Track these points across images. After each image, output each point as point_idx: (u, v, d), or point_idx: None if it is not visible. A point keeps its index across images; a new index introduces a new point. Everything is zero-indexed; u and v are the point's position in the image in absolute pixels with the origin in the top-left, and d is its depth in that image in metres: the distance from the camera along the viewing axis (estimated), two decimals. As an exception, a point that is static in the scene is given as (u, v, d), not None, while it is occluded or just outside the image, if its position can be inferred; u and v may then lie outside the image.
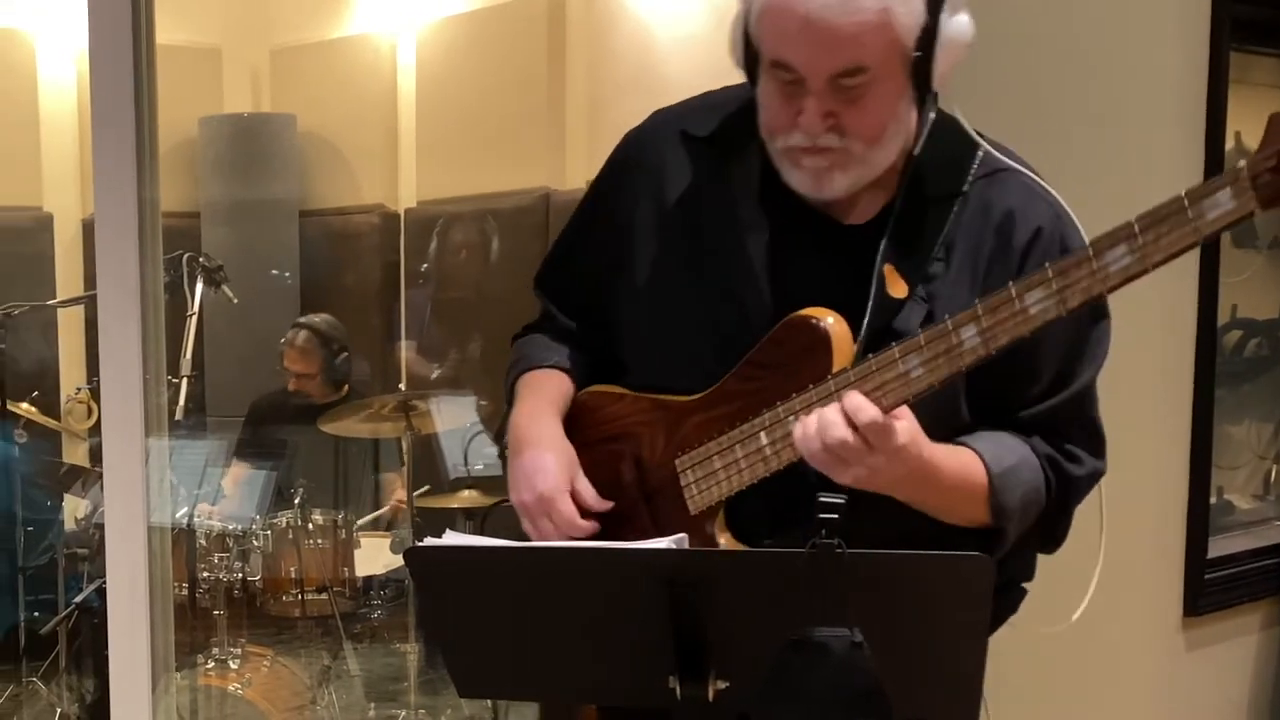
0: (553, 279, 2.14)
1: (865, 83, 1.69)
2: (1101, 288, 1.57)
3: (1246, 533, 3.45)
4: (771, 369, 1.79)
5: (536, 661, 1.72)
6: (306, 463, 5.16)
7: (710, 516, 1.85)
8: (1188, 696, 3.26)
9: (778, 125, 1.77)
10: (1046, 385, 1.83)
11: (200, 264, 4.33)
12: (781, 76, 1.73)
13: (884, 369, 1.68)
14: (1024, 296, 1.60)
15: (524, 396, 2.04)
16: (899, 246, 1.80)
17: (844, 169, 1.75)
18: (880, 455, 1.64)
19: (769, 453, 1.77)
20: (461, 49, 6.16)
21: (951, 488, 1.75)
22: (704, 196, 1.91)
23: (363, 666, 5.01)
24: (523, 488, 1.93)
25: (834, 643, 1.47)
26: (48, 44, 6.21)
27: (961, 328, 1.63)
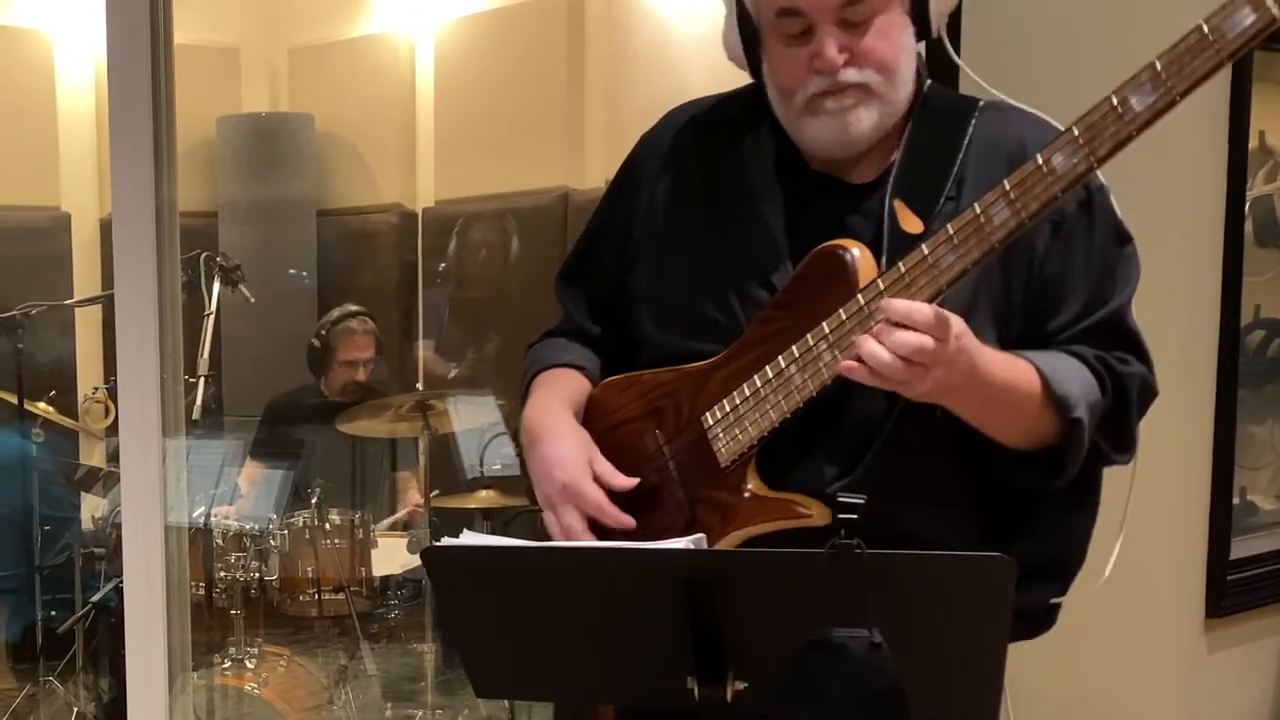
0: (572, 281, 2.15)
1: (871, 12, 1.76)
2: (1131, 129, 1.58)
3: (1270, 534, 3.42)
4: (795, 306, 1.79)
5: (553, 662, 1.71)
6: (323, 462, 5.16)
7: (741, 465, 1.84)
8: (1210, 698, 3.24)
9: (794, 79, 1.80)
10: (1078, 310, 1.83)
11: (218, 263, 4.34)
12: (789, 28, 1.78)
13: (913, 269, 1.67)
14: (1050, 160, 1.61)
15: (535, 394, 2.05)
16: (908, 186, 1.82)
17: (868, 104, 1.79)
18: (948, 346, 1.62)
19: (799, 382, 1.76)
20: (480, 48, 6.16)
21: (1010, 386, 1.72)
22: (718, 173, 1.94)
23: (380, 666, 5.02)
24: (543, 480, 1.93)
25: (853, 643, 1.46)
26: (66, 44, 6.22)
27: (990, 207, 1.63)
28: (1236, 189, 3.08)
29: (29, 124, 6.14)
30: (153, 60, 2.77)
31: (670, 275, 1.95)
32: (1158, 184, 2.94)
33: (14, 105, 6.09)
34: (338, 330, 5.30)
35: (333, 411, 5.01)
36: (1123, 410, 1.83)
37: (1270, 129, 3.21)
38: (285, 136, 6.39)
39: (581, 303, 2.13)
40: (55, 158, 6.24)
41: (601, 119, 5.68)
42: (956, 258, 1.65)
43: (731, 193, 1.92)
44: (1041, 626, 1.93)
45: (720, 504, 1.85)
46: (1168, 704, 3.14)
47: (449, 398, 4.79)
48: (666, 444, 1.92)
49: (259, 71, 6.62)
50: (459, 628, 1.77)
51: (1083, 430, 1.76)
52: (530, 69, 5.92)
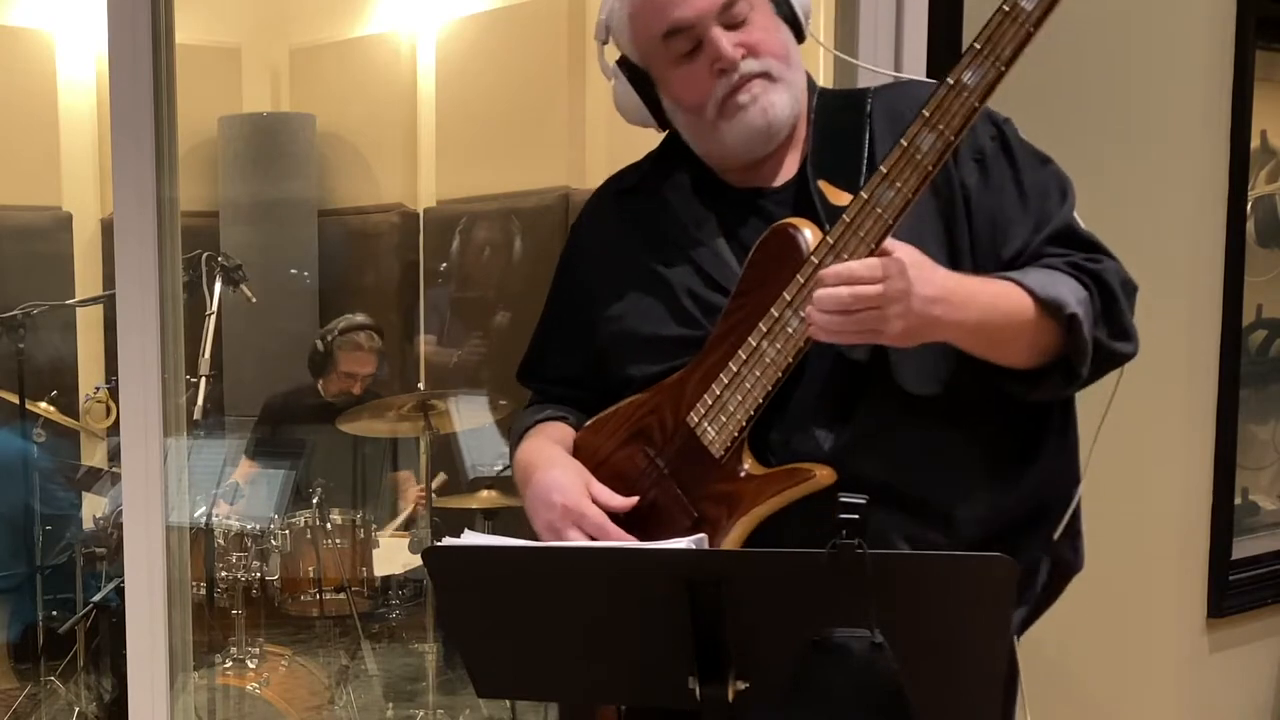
0: (536, 365, 2.22)
1: (746, 12, 1.85)
2: (1029, 26, 1.64)
3: (1271, 534, 3.42)
4: (753, 292, 1.83)
5: (555, 661, 1.71)
6: (325, 462, 5.15)
7: (736, 452, 1.85)
8: (1212, 698, 3.24)
9: (699, 91, 1.88)
10: (1026, 235, 1.87)
11: (219, 263, 4.33)
12: (679, 47, 1.87)
13: (857, 215, 1.71)
14: (960, 76, 1.67)
15: (522, 444, 2.10)
16: (824, 164, 1.89)
17: (774, 88, 1.87)
18: (896, 280, 1.65)
19: (772, 354, 1.79)
20: (481, 48, 6.16)
21: (989, 302, 1.75)
22: (650, 221, 2.00)
23: (381, 666, 5.02)
24: (541, 508, 1.94)
25: (854, 643, 1.46)
26: (67, 44, 6.23)
27: (915, 136, 1.69)
28: (1238, 189, 3.08)
29: (30, 124, 6.14)
30: (154, 60, 2.77)
31: (631, 315, 1.99)
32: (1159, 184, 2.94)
33: (15, 105, 6.09)
34: (342, 341, 5.28)
35: (329, 412, 5.01)
36: (1110, 299, 1.84)
37: (1272, 129, 3.21)
38: (287, 136, 6.39)
39: (548, 381, 2.19)
40: (57, 157, 6.24)
41: (602, 119, 5.67)
42: (895, 193, 1.69)
43: (666, 232, 1.98)
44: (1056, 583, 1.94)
45: (722, 495, 1.86)
46: (1169, 704, 3.13)
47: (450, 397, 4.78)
48: (658, 455, 1.93)
49: (260, 71, 6.63)
50: (460, 628, 1.77)
51: (1080, 325, 1.77)
52: (531, 69, 5.92)
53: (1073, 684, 3.03)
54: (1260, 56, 3.10)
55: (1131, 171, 2.90)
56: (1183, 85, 3.01)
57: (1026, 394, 1.82)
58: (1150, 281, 3.03)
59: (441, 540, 1.77)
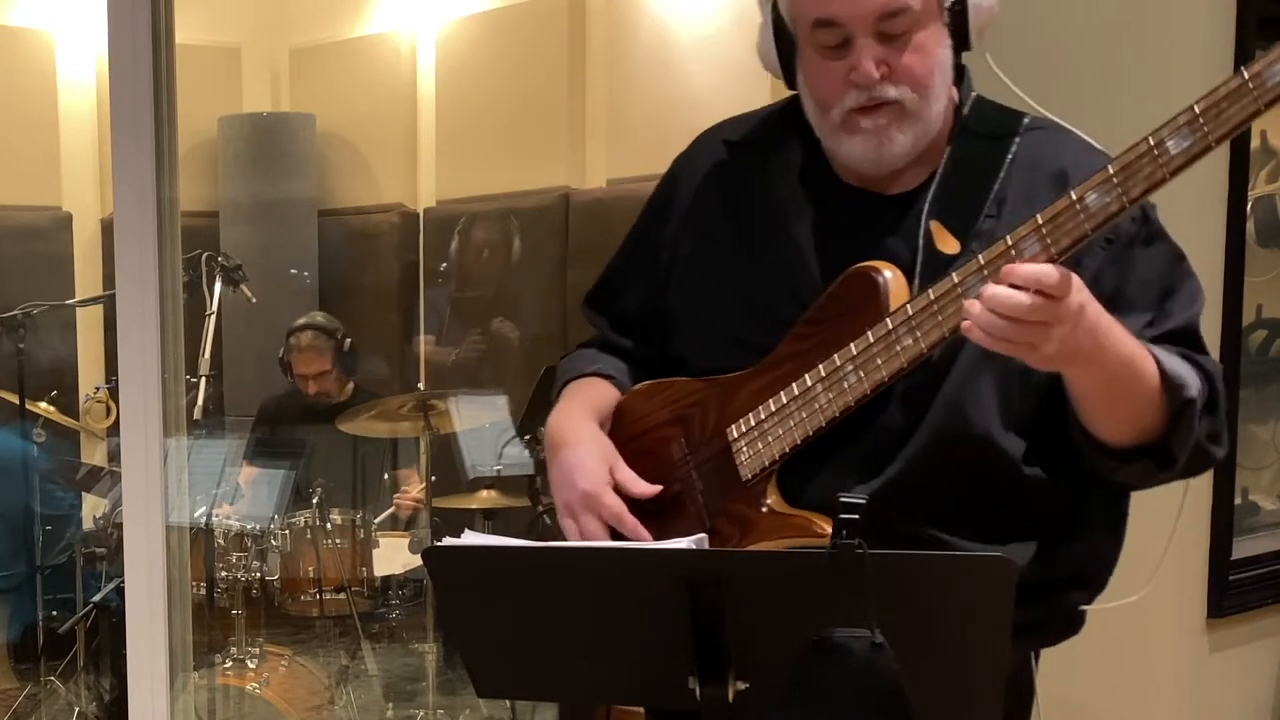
0: (604, 297, 2.16)
1: (909, 26, 1.73)
2: (1165, 172, 1.54)
3: (1271, 534, 3.42)
4: (826, 324, 1.78)
5: (555, 662, 1.71)
6: (324, 462, 5.15)
7: (763, 480, 1.83)
8: (1211, 699, 3.24)
9: (831, 92, 1.78)
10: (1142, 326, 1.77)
11: (219, 263, 4.33)
12: (826, 39, 1.75)
13: (943, 296, 1.65)
14: (1084, 197, 1.57)
15: (560, 402, 2.05)
16: (946, 204, 1.80)
17: (900, 126, 1.76)
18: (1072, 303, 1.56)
19: (824, 402, 1.75)
20: (481, 48, 6.16)
21: (1131, 358, 1.67)
22: (748, 192, 1.93)
23: (381, 666, 5.02)
24: (563, 487, 1.92)
25: (854, 643, 1.46)
26: (67, 44, 6.22)
27: (1021, 240, 1.60)
28: (1238, 189, 3.08)
29: (30, 124, 6.14)
30: (154, 60, 2.77)
31: (704, 300, 1.95)
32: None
33: (15, 105, 6.09)
34: (290, 345, 5.30)
35: (329, 411, 5.01)
36: (1215, 400, 1.78)
37: (1272, 129, 3.21)
38: (287, 136, 6.40)
39: (610, 319, 2.14)
40: (57, 157, 6.24)
41: (602, 119, 5.67)
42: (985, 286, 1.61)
43: (760, 213, 1.91)
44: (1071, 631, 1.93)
45: (739, 517, 1.85)
46: (1170, 704, 3.13)
47: (450, 397, 4.78)
48: (691, 453, 1.92)
49: (260, 71, 6.63)
50: (460, 628, 1.77)
51: (1194, 412, 1.72)
52: (531, 69, 5.92)
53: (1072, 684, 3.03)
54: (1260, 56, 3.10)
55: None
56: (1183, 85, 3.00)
57: (1113, 472, 1.76)
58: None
59: (441, 540, 1.77)
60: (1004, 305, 1.55)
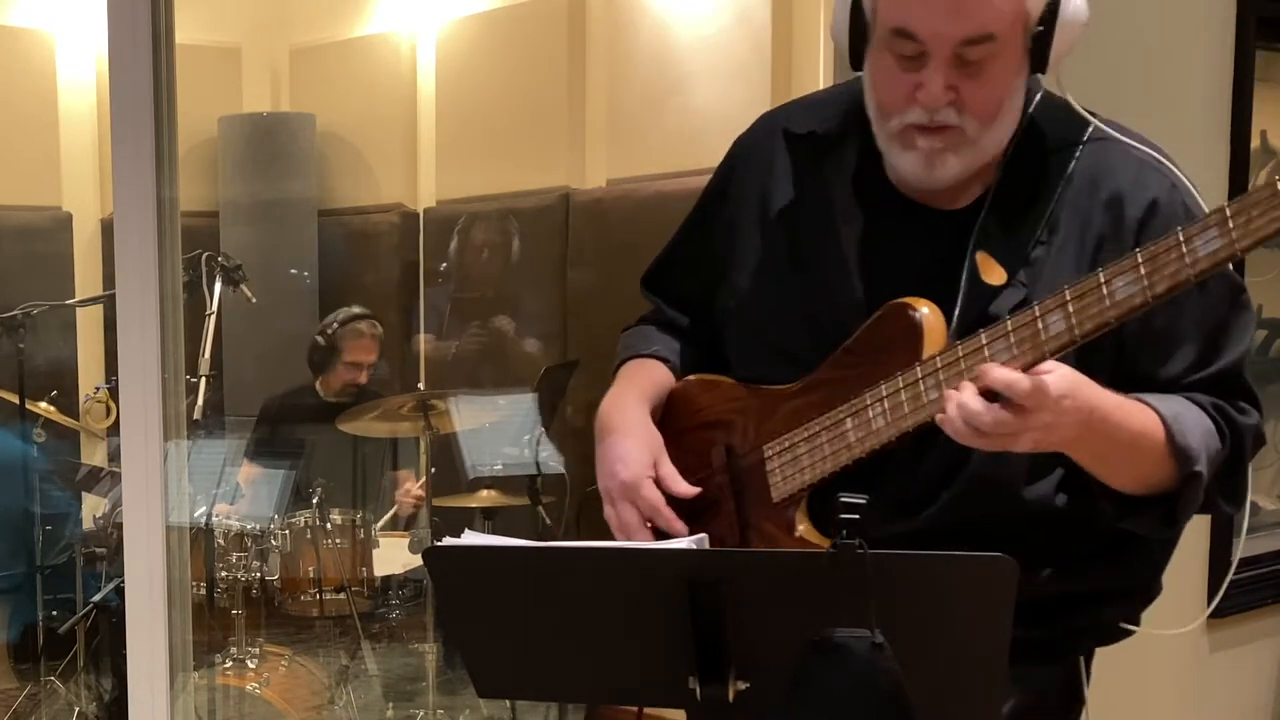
0: (662, 277, 2.15)
1: (989, 55, 1.68)
2: (1190, 272, 1.52)
3: (1271, 534, 3.42)
4: (863, 356, 1.78)
5: (555, 661, 1.71)
6: (325, 462, 5.15)
7: (793, 505, 1.84)
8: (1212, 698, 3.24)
9: (893, 102, 1.74)
10: (1189, 364, 1.76)
11: (219, 263, 4.33)
12: (902, 49, 1.71)
13: (968, 355, 1.65)
14: (1112, 282, 1.56)
15: (616, 385, 2.05)
16: (996, 230, 1.77)
17: (957, 151, 1.73)
18: (1044, 413, 1.57)
19: (853, 439, 1.76)
20: (481, 48, 6.16)
21: (1130, 438, 1.66)
22: (803, 190, 1.91)
23: (381, 666, 5.02)
24: (606, 475, 1.93)
25: (855, 643, 1.45)
26: (67, 44, 6.22)
27: (1048, 314, 1.59)
28: (1238, 189, 3.08)
29: (30, 124, 6.14)
30: (154, 60, 2.77)
31: (749, 304, 1.94)
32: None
33: (15, 105, 6.09)
34: (345, 331, 5.29)
35: (328, 412, 5.01)
36: (1239, 460, 1.78)
37: (1272, 129, 3.21)
38: (286, 136, 6.39)
39: (668, 297, 2.13)
40: (56, 157, 6.24)
41: (602, 119, 5.67)
42: (1010, 355, 1.61)
43: (811, 213, 1.89)
44: (1110, 640, 1.93)
45: (769, 536, 1.85)
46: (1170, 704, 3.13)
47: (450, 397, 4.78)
48: (729, 461, 1.92)
49: (260, 71, 6.62)
50: (460, 627, 1.77)
51: (1201, 483, 1.71)
52: (531, 69, 5.91)
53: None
54: (1260, 56, 3.10)
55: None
56: (1183, 85, 3.01)
57: (1118, 519, 1.75)
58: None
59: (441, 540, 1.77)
60: (970, 416, 1.57)
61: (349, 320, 5.32)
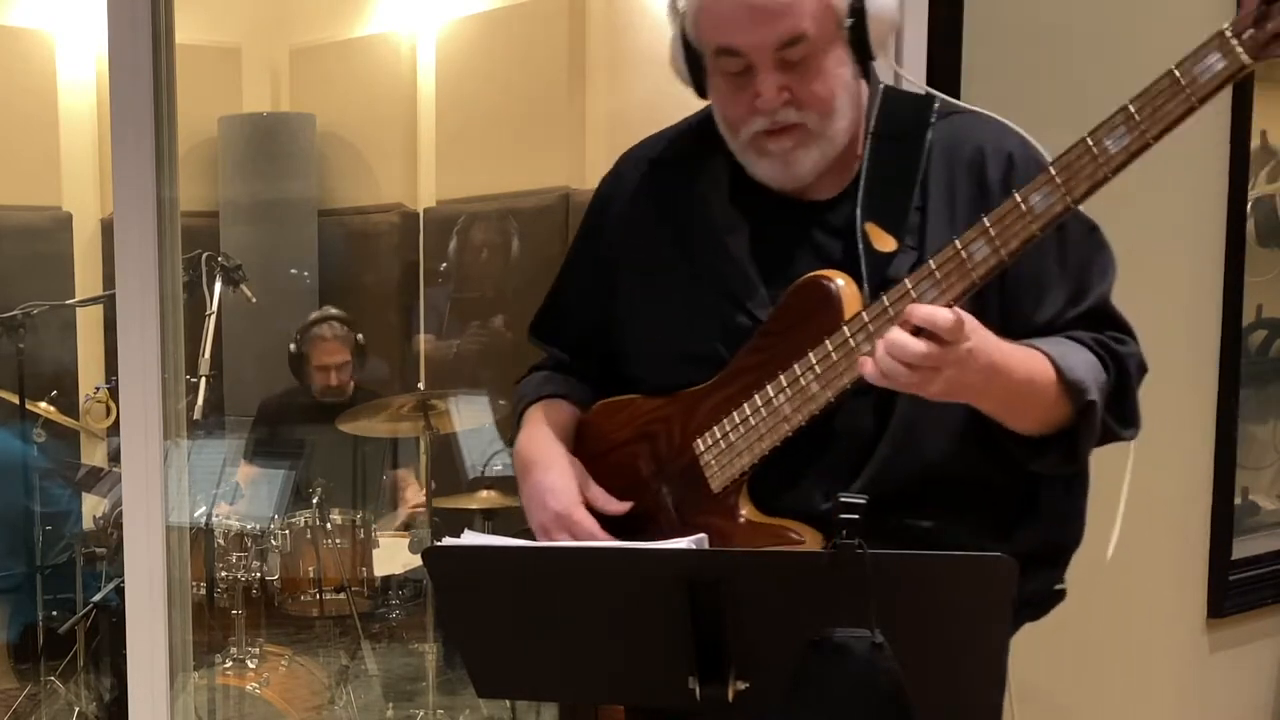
0: (549, 324, 2.19)
1: (808, 53, 1.77)
2: (1106, 170, 1.61)
3: (1271, 534, 3.42)
4: (781, 335, 1.82)
5: (555, 661, 1.71)
6: (324, 462, 5.15)
7: (734, 491, 1.86)
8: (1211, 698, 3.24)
9: (737, 116, 1.84)
10: (1062, 304, 1.85)
11: (219, 263, 4.33)
12: (729, 66, 1.81)
13: (897, 302, 1.70)
14: (1029, 199, 1.63)
15: (524, 427, 2.08)
16: (874, 204, 1.84)
17: (806, 146, 1.82)
18: (961, 346, 1.63)
19: (788, 411, 1.79)
20: (481, 48, 6.16)
21: (1026, 378, 1.73)
22: (680, 209, 1.97)
23: (381, 666, 5.02)
24: (536, 509, 1.96)
25: (855, 643, 1.46)
26: (67, 43, 6.22)
27: (970, 244, 1.66)
28: (1238, 189, 3.08)
29: (30, 124, 6.13)
30: (154, 60, 2.77)
31: (649, 321, 1.98)
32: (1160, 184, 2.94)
33: (15, 105, 6.08)
34: (309, 337, 5.29)
35: (323, 412, 5.01)
36: (1125, 386, 1.85)
37: (1272, 129, 3.21)
38: (286, 136, 6.39)
39: (559, 342, 2.17)
40: (57, 157, 6.23)
41: (602, 119, 5.67)
42: (939, 293, 1.67)
43: (695, 228, 1.95)
44: (1046, 610, 1.95)
45: (713, 528, 1.85)
46: (1170, 704, 3.14)
47: (450, 397, 4.78)
48: (659, 469, 1.94)
49: (260, 71, 6.62)
50: (460, 627, 1.77)
51: (1096, 412, 1.77)
52: (531, 69, 5.91)
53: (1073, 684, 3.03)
54: (1260, 56, 3.09)
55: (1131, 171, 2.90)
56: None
57: (1028, 461, 1.81)
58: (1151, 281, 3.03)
59: (441, 540, 1.77)
60: (899, 350, 1.62)
61: (311, 325, 5.32)
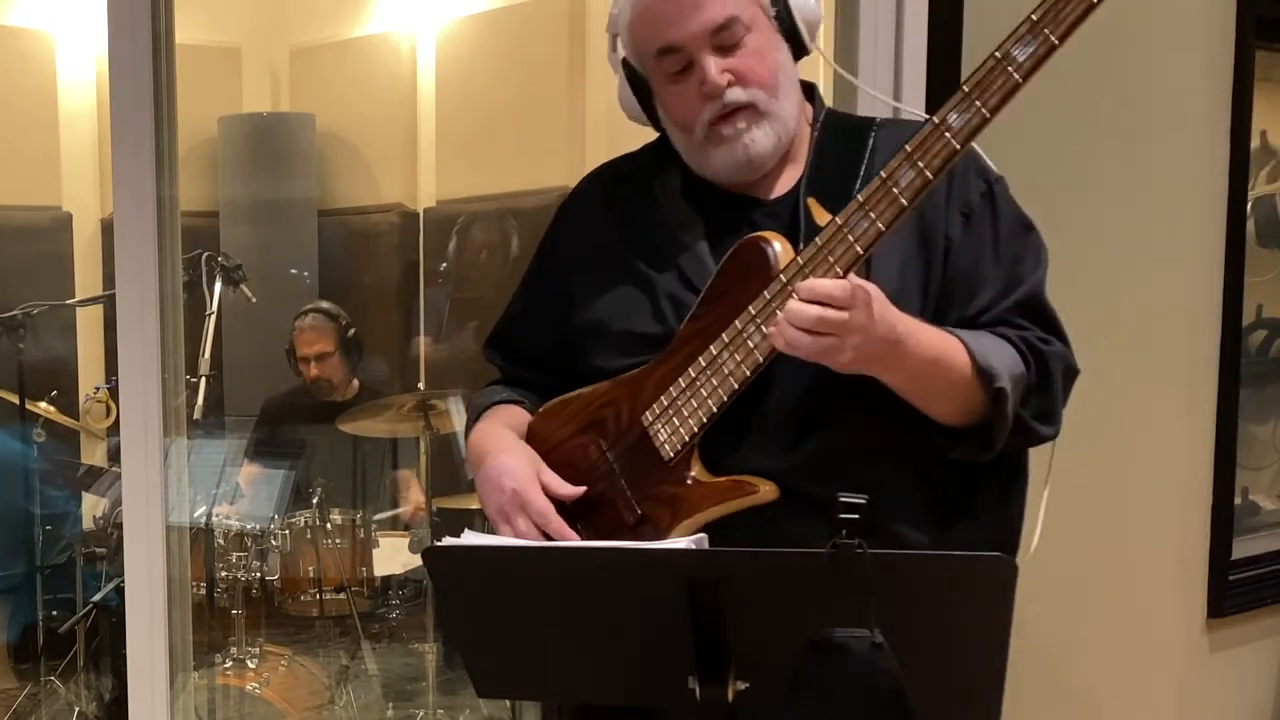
0: (506, 339, 2.21)
1: (741, 34, 1.87)
2: (1016, 77, 1.65)
3: (1272, 534, 3.42)
4: (720, 300, 1.85)
5: (554, 661, 1.71)
6: (325, 462, 5.15)
7: (685, 457, 1.87)
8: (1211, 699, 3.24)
9: (688, 112, 1.91)
10: (994, 295, 1.89)
11: (219, 263, 4.33)
12: (671, 66, 1.90)
13: (830, 240, 1.74)
14: (946, 119, 1.69)
15: (476, 426, 2.11)
16: (819, 192, 1.88)
17: (759, 124, 1.89)
18: (859, 311, 1.67)
19: (730, 367, 1.81)
20: (481, 48, 6.16)
21: (935, 355, 1.78)
22: (639, 214, 2.02)
23: (381, 666, 5.02)
24: (493, 491, 1.97)
25: (855, 643, 1.46)
26: (68, 43, 6.22)
27: (895, 170, 1.71)
28: (1238, 189, 3.08)
29: (30, 124, 6.14)
30: (154, 60, 2.77)
31: (606, 309, 2.01)
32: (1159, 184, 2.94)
33: (15, 105, 6.09)
34: (293, 331, 5.32)
35: (330, 411, 5.01)
36: (1046, 384, 1.88)
37: (1272, 129, 3.21)
38: (286, 136, 6.39)
39: (514, 357, 2.19)
40: (56, 157, 6.24)
41: (602, 119, 5.67)
42: (869, 223, 1.71)
43: (648, 225, 2.00)
44: None
45: (667, 497, 1.88)
46: (1169, 704, 3.13)
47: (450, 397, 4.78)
48: (610, 449, 1.95)
49: (260, 71, 6.62)
50: (460, 627, 1.77)
51: (1006, 400, 1.80)
52: (532, 69, 5.92)
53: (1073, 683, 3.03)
54: (1260, 56, 3.10)
55: (1132, 172, 2.90)
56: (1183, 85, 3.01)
57: (946, 450, 1.85)
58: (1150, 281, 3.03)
59: (441, 540, 1.77)
60: (795, 317, 1.68)
61: (296, 318, 5.34)
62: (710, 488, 1.85)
